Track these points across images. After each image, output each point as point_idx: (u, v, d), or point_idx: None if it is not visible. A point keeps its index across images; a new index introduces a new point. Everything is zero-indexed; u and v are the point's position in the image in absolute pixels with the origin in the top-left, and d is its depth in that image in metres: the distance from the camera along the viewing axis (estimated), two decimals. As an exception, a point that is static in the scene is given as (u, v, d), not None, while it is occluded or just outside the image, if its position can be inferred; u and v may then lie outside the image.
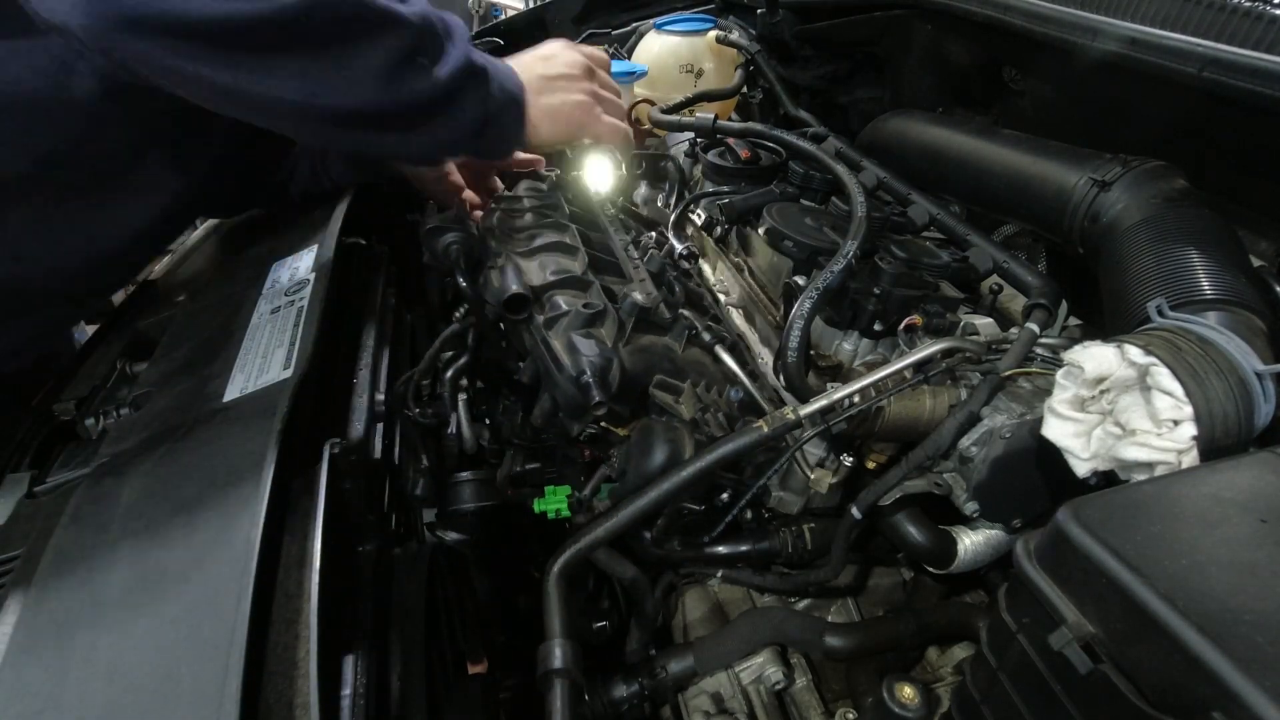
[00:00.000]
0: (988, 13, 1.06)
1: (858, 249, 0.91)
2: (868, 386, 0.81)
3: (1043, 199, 0.98)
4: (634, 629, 1.00)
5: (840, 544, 0.88)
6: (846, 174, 1.07)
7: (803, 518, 1.02)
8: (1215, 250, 0.78)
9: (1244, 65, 0.74)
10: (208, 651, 0.49)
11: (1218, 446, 0.62)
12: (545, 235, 1.13)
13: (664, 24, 1.90)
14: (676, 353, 1.00)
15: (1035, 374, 0.81)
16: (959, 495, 0.82)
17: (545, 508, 0.97)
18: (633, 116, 1.71)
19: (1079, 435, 0.66)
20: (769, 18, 1.63)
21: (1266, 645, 0.40)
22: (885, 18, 1.36)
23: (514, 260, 1.05)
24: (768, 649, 0.93)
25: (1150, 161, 0.91)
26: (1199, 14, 0.80)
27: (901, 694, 0.72)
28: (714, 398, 0.97)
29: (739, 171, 1.32)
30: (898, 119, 1.33)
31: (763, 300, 1.18)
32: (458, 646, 0.82)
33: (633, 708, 0.89)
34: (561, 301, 0.99)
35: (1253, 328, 0.70)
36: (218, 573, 0.54)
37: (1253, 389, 0.63)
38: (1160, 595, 0.44)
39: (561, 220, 1.19)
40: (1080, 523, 0.50)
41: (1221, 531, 0.48)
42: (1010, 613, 0.55)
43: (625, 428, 0.97)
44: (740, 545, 1.01)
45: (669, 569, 1.09)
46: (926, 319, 0.92)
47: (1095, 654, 0.47)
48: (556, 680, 0.68)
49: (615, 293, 1.05)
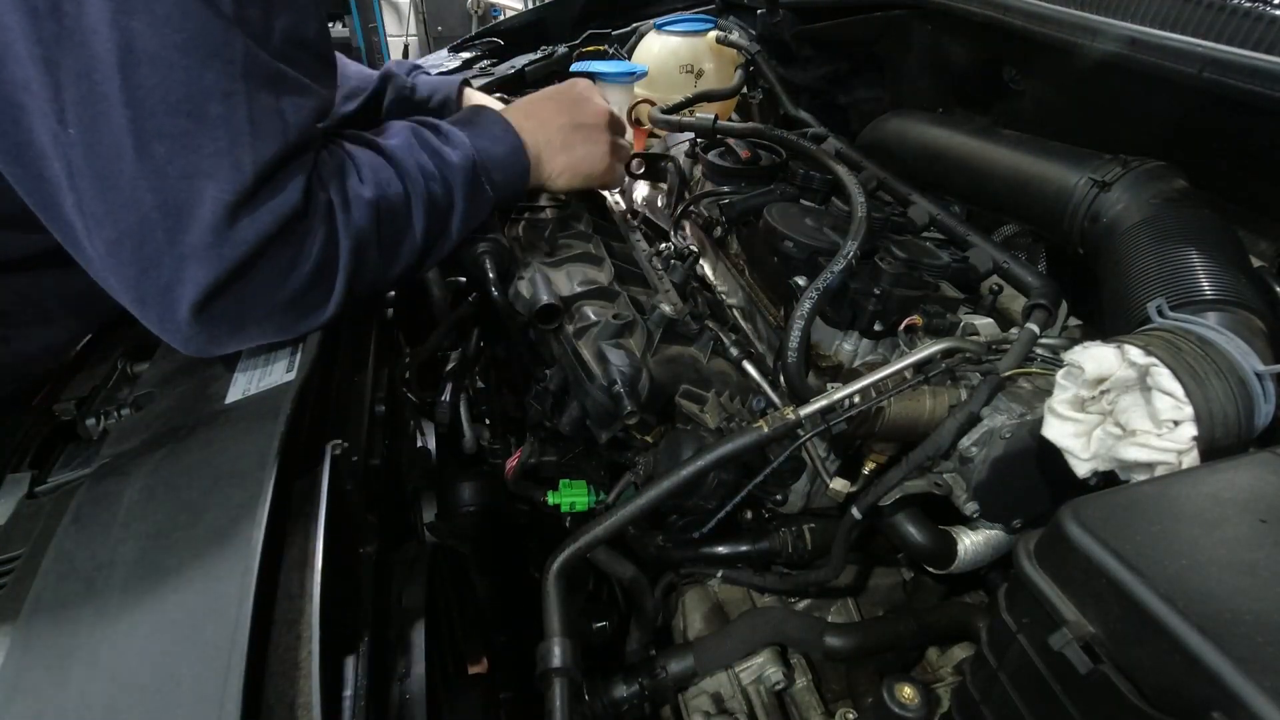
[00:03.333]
0: (988, 13, 1.06)
1: (858, 249, 0.91)
2: (868, 387, 0.81)
3: (1043, 199, 0.98)
4: (634, 629, 1.01)
5: (840, 544, 0.88)
6: (846, 174, 1.07)
7: (803, 518, 1.03)
8: (1215, 250, 0.78)
9: (1244, 65, 0.74)
10: (209, 652, 0.49)
11: (1218, 447, 0.62)
12: (571, 246, 1.14)
13: (664, 24, 1.90)
14: (702, 363, 1.01)
15: (1035, 374, 0.81)
16: (959, 495, 0.82)
17: (560, 500, 0.98)
18: (633, 116, 1.71)
19: (1079, 435, 0.66)
20: (769, 18, 1.63)
21: (1266, 645, 0.41)
22: (885, 18, 1.36)
23: (542, 271, 1.06)
24: (768, 649, 0.93)
25: (1150, 161, 0.91)
26: (1199, 14, 0.80)
27: (901, 694, 0.72)
28: (738, 407, 0.98)
29: (739, 171, 1.32)
30: (898, 119, 1.33)
31: (762, 300, 1.18)
32: (458, 646, 0.82)
33: (633, 708, 0.89)
34: (590, 312, 1.01)
35: (1253, 328, 0.70)
36: (220, 573, 0.54)
37: (1253, 389, 0.63)
38: (1160, 595, 0.44)
39: (585, 230, 1.20)
40: (1080, 523, 0.50)
41: (1221, 531, 0.49)
42: (1010, 613, 0.55)
43: (651, 435, 0.99)
44: (740, 545, 1.01)
45: (669, 569, 1.09)
46: (926, 319, 0.92)
47: (1095, 654, 0.47)
48: (555, 679, 0.68)
49: (641, 303, 1.06)
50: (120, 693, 0.48)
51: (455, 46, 2.07)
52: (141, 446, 0.72)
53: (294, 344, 0.80)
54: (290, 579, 0.57)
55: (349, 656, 0.58)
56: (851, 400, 0.81)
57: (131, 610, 0.54)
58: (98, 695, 0.49)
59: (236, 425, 0.70)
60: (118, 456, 0.71)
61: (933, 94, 1.38)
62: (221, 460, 0.65)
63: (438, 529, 1.05)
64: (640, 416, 0.91)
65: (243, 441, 0.66)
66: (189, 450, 0.69)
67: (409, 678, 0.64)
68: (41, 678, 0.51)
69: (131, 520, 0.61)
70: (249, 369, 0.78)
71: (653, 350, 0.98)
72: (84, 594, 0.56)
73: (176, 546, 0.58)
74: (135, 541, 0.59)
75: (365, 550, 0.72)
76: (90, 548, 0.60)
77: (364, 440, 0.82)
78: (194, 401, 0.77)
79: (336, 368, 0.89)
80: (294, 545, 0.60)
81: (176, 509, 0.61)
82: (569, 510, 1.01)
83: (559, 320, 1.01)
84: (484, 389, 1.24)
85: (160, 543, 0.58)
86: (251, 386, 0.75)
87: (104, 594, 0.55)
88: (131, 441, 0.73)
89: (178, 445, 0.69)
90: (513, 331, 1.07)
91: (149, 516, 0.61)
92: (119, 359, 0.94)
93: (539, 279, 1.03)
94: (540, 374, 1.08)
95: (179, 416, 0.75)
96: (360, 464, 0.76)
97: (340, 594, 0.60)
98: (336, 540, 0.60)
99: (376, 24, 3.86)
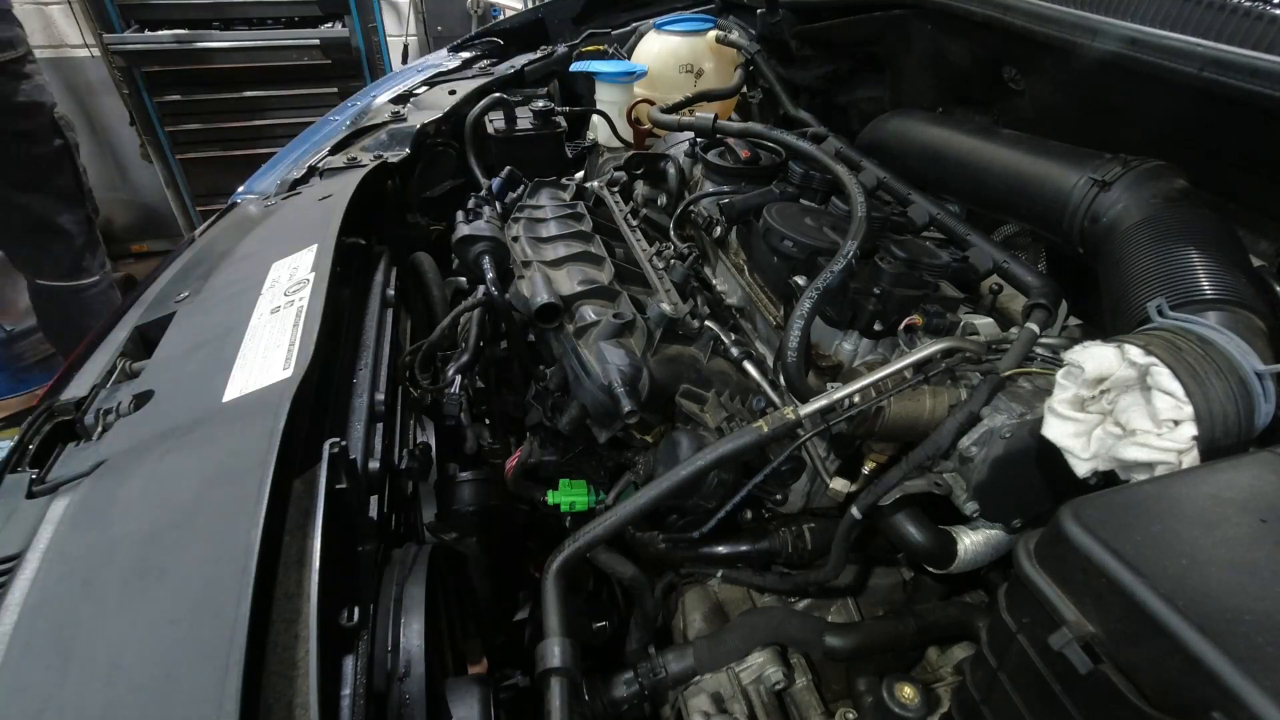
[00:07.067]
0: (988, 13, 1.06)
1: (858, 249, 0.91)
2: (868, 386, 0.81)
3: (1043, 199, 0.98)
4: (634, 629, 1.01)
5: (840, 544, 0.88)
6: (846, 174, 1.07)
7: (803, 517, 1.03)
8: (1215, 250, 0.78)
9: (1244, 65, 0.74)
10: (207, 651, 0.49)
11: (1218, 446, 0.61)
12: (571, 245, 1.14)
13: (664, 24, 1.90)
14: (702, 362, 1.01)
15: (1035, 374, 0.81)
16: (959, 495, 0.82)
17: (560, 500, 0.98)
18: (632, 116, 1.71)
19: (1079, 435, 0.66)
20: (769, 18, 1.63)
21: (1266, 645, 0.40)
22: (885, 18, 1.36)
23: (542, 270, 1.06)
24: (768, 649, 0.93)
25: (1150, 161, 0.91)
26: (1199, 14, 0.80)
27: (901, 694, 0.72)
28: (738, 406, 0.98)
29: (739, 171, 1.31)
30: (898, 119, 1.33)
31: (762, 300, 1.18)
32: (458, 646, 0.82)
33: (633, 707, 0.89)
34: (590, 311, 1.01)
35: (1253, 328, 0.70)
36: (217, 573, 0.54)
37: (1253, 389, 0.63)
38: (1160, 595, 0.44)
39: (585, 230, 1.20)
40: (1080, 523, 0.50)
41: (1221, 531, 0.48)
42: (1010, 613, 0.55)
43: (651, 434, 0.99)
44: (740, 545, 1.01)
45: (669, 569, 1.09)
46: (926, 319, 0.92)
47: (1095, 654, 0.47)
48: (554, 679, 0.68)
49: (641, 302, 1.06)
50: (119, 692, 0.48)
51: (455, 46, 2.07)
52: (139, 445, 0.71)
53: (291, 339, 0.80)
54: (288, 578, 0.57)
55: (348, 656, 0.58)
56: (851, 400, 0.81)
57: (130, 610, 0.54)
58: (96, 694, 0.48)
59: (234, 424, 0.69)
60: (116, 456, 0.71)
61: (933, 94, 1.38)
62: (219, 459, 0.65)
63: (438, 529, 1.05)
64: (640, 416, 0.91)
65: (241, 440, 0.66)
66: (187, 449, 0.68)
67: (409, 678, 0.64)
68: (41, 677, 0.50)
69: (130, 520, 0.61)
70: (247, 366, 0.78)
71: (653, 350, 0.98)
72: (83, 593, 0.55)
73: (175, 546, 0.58)
74: (133, 541, 0.59)
75: (364, 549, 0.72)
76: (89, 548, 0.60)
77: (363, 439, 0.81)
78: (192, 400, 0.76)
79: (336, 364, 0.89)
80: (292, 544, 0.60)
81: (175, 508, 0.61)
82: (569, 510, 1.01)
83: (559, 319, 1.01)
84: (484, 389, 1.24)
85: (159, 542, 0.58)
86: (249, 384, 0.75)
87: (102, 593, 0.55)
88: (130, 441, 0.73)
89: (176, 444, 0.69)
90: (512, 331, 1.07)
91: (147, 516, 0.61)
92: (118, 358, 0.94)
93: (539, 278, 1.03)
94: (540, 374, 1.08)
95: (177, 415, 0.75)
96: (359, 462, 0.75)
97: (339, 593, 0.60)
98: (335, 539, 0.60)
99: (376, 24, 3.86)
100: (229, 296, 0.97)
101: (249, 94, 3.68)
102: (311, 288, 0.89)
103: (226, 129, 3.74)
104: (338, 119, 1.67)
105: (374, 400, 0.89)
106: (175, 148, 3.72)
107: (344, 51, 3.67)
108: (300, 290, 0.90)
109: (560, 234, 1.18)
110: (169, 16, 3.43)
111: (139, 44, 3.35)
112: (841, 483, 0.87)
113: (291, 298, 0.89)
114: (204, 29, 3.48)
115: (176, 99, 3.59)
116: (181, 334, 0.94)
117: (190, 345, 0.90)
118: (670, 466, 0.85)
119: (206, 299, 1.02)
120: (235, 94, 3.66)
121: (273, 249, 1.06)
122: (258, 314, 0.89)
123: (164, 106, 3.59)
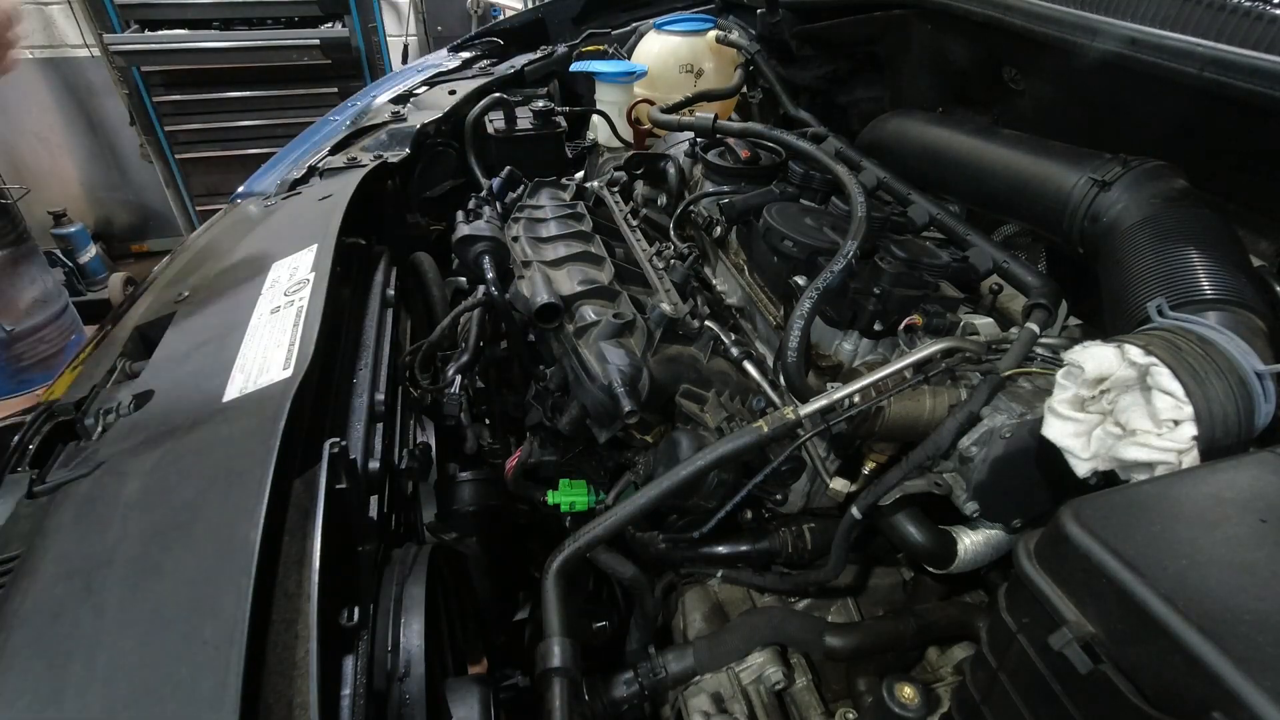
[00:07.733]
0: (988, 13, 1.06)
1: (858, 249, 0.91)
2: (868, 386, 0.81)
3: (1043, 199, 0.98)
4: (634, 629, 1.01)
5: (840, 544, 0.88)
6: (846, 174, 1.07)
7: (803, 518, 1.03)
8: (1215, 250, 0.78)
9: (1244, 65, 0.74)
10: (208, 651, 0.49)
11: (1218, 446, 0.61)
12: (571, 245, 1.14)
13: (664, 24, 1.90)
14: (702, 362, 1.01)
15: (1035, 374, 0.81)
16: (959, 495, 0.82)
17: (560, 500, 0.98)
18: (632, 116, 1.71)
19: (1079, 435, 0.66)
20: (769, 18, 1.63)
21: (1266, 645, 0.40)
22: (885, 18, 1.36)
23: (543, 270, 1.06)
24: (768, 649, 0.93)
25: (1150, 161, 0.91)
26: (1199, 14, 0.80)
27: (901, 694, 0.72)
28: (738, 406, 0.98)
29: (739, 171, 1.31)
30: (898, 119, 1.33)
31: (762, 300, 1.18)
32: (458, 646, 0.82)
33: (633, 707, 0.89)
34: (590, 311, 1.01)
35: (1253, 328, 0.70)
36: (218, 573, 0.54)
37: (1253, 389, 0.63)
38: (1160, 595, 0.44)
39: (585, 230, 1.20)
40: (1080, 523, 0.50)
41: (1221, 531, 0.48)
42: (1010, 613, 0.55)
43: (651, 434, 0.99)
44: (740, 545, 1.01)
45: (669, 569, 1.09)
46: (926, 319, 0.92)
47: (1095, 654, 0.47)
48: (555, 679, 0.68)
49: (642, 303, 1.06)
50: (119, 691, 0.48)
51: (455, 46, 2.07)
52: (140, 446, 0.71)
53: (291, 339, 0.80)
54: (288, 578, 0.57)
55: (348, 656, 0.58)
56: (851, 400, 0.81)
57: (130, 610, 0.54)
58: (96, 694, 0.48)
59: (235, 424, 0.69)
60: (116, 456, 0.71)
61: (933, 94, 1.38)
62: (219, 460, 0.65)
63: (438, 529, 1.05)
64: (640, 416, 0.91)
65: (241, 441, 0.66)
66: (187, 450, 0.68)
67: (409, 678, 0.64)
68: (41, 677, 0.50)
69: (130, 520, 0.61)
70: (247, 366, 0.78)
71: (653, 350, 0.98)
72: (82, 594, 0.55)
73: (175, 546, 0.58)
74: (133, 541, 0.59)
75: (364, 549, 0.72)
76: (89, 548, 0.60)
77: (363, 439, 0.81)
78: (192, 400, 0.76)
79: (336, 364, 0.89)
80: (292, 544, 0.60)
81: (175, 509, 0.61)
82: (569, 510, 1.01)
83: (559, 319, 1.01)
84: (484, 389, 1.24)
85: (158, 542, 0.58)
86: (249, 384, 0.75)
87: (102, 593, 0.55)
88: (130, 441, 0.73)
89: (176, 445, 0.69)
90: (512, 331, 1.07)
91: (147, 516, 0.61)
92: (118, 358, 0.94)
93: (539, 278, 1.03)
94: (540, 374, 1.08)
95: (177, 416, 0.75)
96: (359, 462, 0.75)
97: (339, 593, 0.60)
98: (335, 539, 0.60)
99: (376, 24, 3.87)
100: (229, 296, 0.97)
101: (249, 94, 3.69)
102: (311, 288, 0.89)
103: (226, 129, 3.74)
104: (338, 119, 1.67)
105: (374, 400, 0.89)
106: (175, 148, 3.73)
107: (344, 51, 3.68)
108: (300, 290, 0.90)
109: (560, 234, 1.18)
110: (169, 16, 3.44)
111: (139, 44, 3.36)
112: (841, 483, 0.87)
113: (291, 298, 0.89)
114: (204, 29, 3.48)
115: (176, 99, 3.59)
116: (181, 334, 0.94)
117: (190, 345, 0.90)
118: (670, 466, 0.85)
119: (206, 299, 1.02)
120: (235, 94, 3.67)
121: (273, 249, 1.06)
122: (258, 314, 0.89)
123: (164, 106, 3.60)
